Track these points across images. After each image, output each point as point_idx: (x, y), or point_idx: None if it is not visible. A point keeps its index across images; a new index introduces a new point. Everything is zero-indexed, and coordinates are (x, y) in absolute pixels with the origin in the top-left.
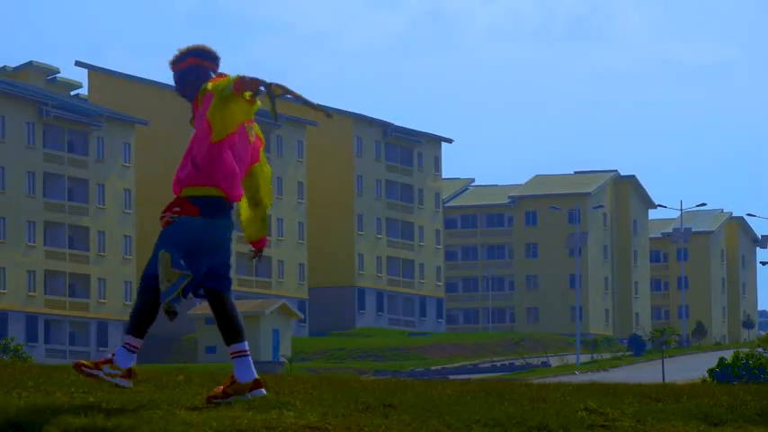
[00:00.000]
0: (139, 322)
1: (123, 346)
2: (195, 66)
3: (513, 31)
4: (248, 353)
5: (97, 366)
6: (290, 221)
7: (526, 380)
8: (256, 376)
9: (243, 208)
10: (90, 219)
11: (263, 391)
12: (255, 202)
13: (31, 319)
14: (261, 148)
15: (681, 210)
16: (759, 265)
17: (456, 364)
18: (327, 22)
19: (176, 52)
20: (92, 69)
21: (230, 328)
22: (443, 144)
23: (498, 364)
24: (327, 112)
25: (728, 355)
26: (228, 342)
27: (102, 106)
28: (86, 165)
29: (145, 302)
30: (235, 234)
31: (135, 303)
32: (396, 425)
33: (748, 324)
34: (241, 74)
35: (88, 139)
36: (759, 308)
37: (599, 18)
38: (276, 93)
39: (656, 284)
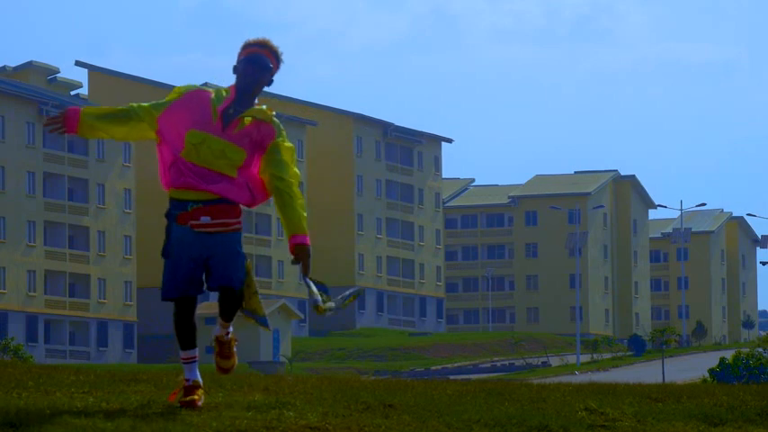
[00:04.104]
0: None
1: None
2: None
3: (513, 31)
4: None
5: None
6: None
7: (526, 380)
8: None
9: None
10: (90, 219)
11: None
12: None
13: (31, 319)
14: None
15: (681, 210)
16: (759, 265)
17: (456, 364)
18: (329, 22)
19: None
20: (92, 69)
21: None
22: (443, 144)
23: (498, 364)
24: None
25: (728, 355)
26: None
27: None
28: (86, 165)
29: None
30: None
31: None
32: (396, 425)
33: (748, 324)
34: None
35: (88, 138)
36: (759, 308)
37: (601, 19)
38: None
39: (656, 284)
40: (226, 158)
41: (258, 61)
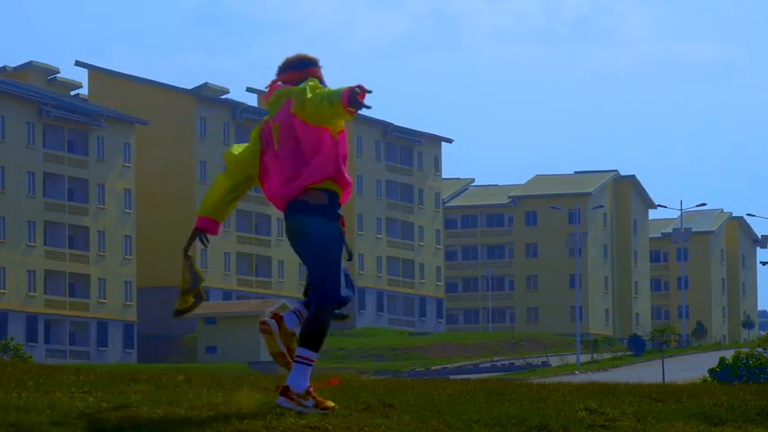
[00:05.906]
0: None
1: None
2: None
3: (513, 31)
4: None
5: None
6: None
7: (526, 380)
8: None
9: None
10: (90, 219)
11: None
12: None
13: (31, 319)
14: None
15: (681, 210)
16: (759, 265)
17: (456, 364)
18: (330, 21)
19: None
20: (92, 69)
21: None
22: (443, 144)
23: (498, 364)
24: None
25: (728, 355)
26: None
27: (102, 106)
28: (86, 165)
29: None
30: (233, 234)
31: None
32: (396, 425)
33: (748, 324)
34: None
35: (88, 139)
36: (759, 308)
37: (601, 19)
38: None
39: (656, 284)
40: None
41: None
